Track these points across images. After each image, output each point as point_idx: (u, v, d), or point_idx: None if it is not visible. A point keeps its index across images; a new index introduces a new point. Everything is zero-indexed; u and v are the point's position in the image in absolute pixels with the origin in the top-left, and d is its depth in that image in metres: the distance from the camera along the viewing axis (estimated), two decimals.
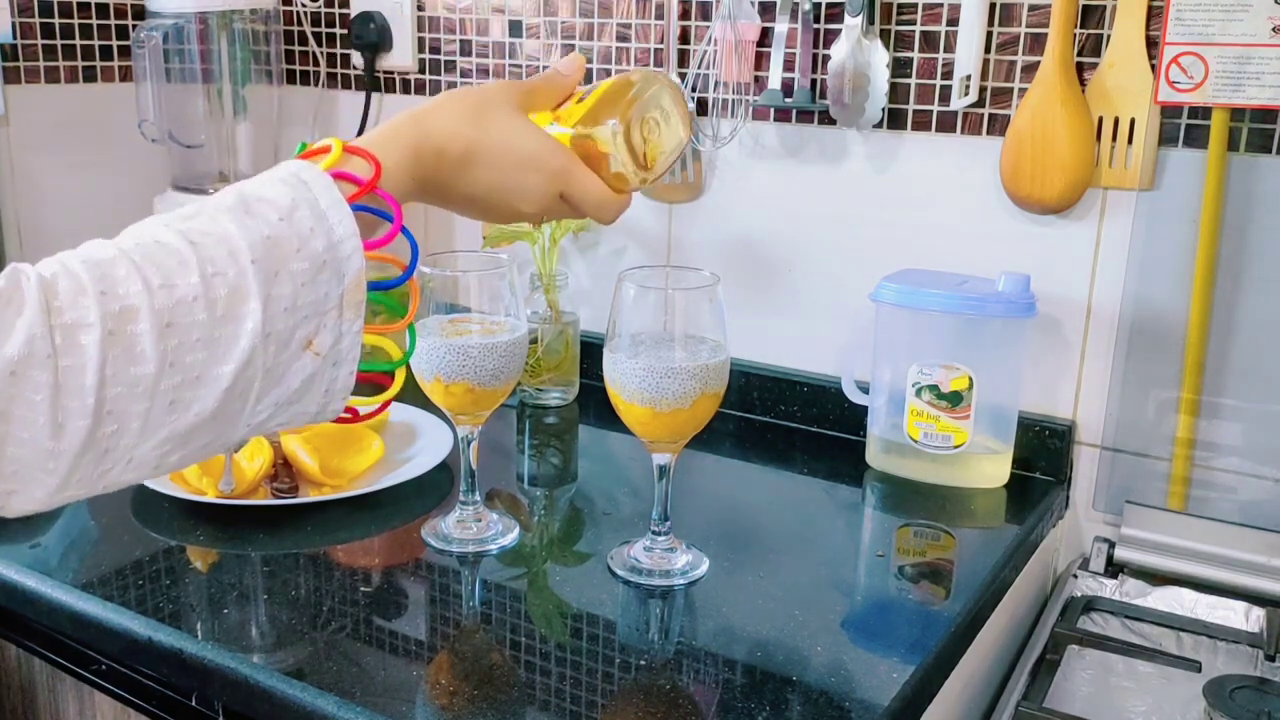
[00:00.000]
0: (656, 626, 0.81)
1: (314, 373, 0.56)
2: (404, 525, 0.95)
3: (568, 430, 1.21)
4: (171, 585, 0.83)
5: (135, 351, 0.50)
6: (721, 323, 0.82)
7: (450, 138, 0.64)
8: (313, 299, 0.55)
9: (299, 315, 0.54)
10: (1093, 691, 0.87)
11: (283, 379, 0.55)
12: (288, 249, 0.54)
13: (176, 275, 0.52)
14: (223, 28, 1.41)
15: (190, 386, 0.51)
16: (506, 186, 0.66)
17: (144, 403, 0.50)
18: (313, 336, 0.55)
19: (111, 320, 0.49)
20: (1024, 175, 1.03)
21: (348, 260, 0.56)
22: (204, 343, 0.51)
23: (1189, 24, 0.94)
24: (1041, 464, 1.09)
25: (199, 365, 0.51)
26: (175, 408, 0.51)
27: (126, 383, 0.50)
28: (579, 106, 0.70)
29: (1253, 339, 0.99)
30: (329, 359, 0.56)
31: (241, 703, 0.74)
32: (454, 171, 0.64)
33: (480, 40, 1.35)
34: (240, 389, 0.53)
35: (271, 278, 0.53)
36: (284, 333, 0.54)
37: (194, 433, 0.53)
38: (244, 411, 0.54)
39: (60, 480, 0.50)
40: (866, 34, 1.08)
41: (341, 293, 0.56)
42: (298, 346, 0.55)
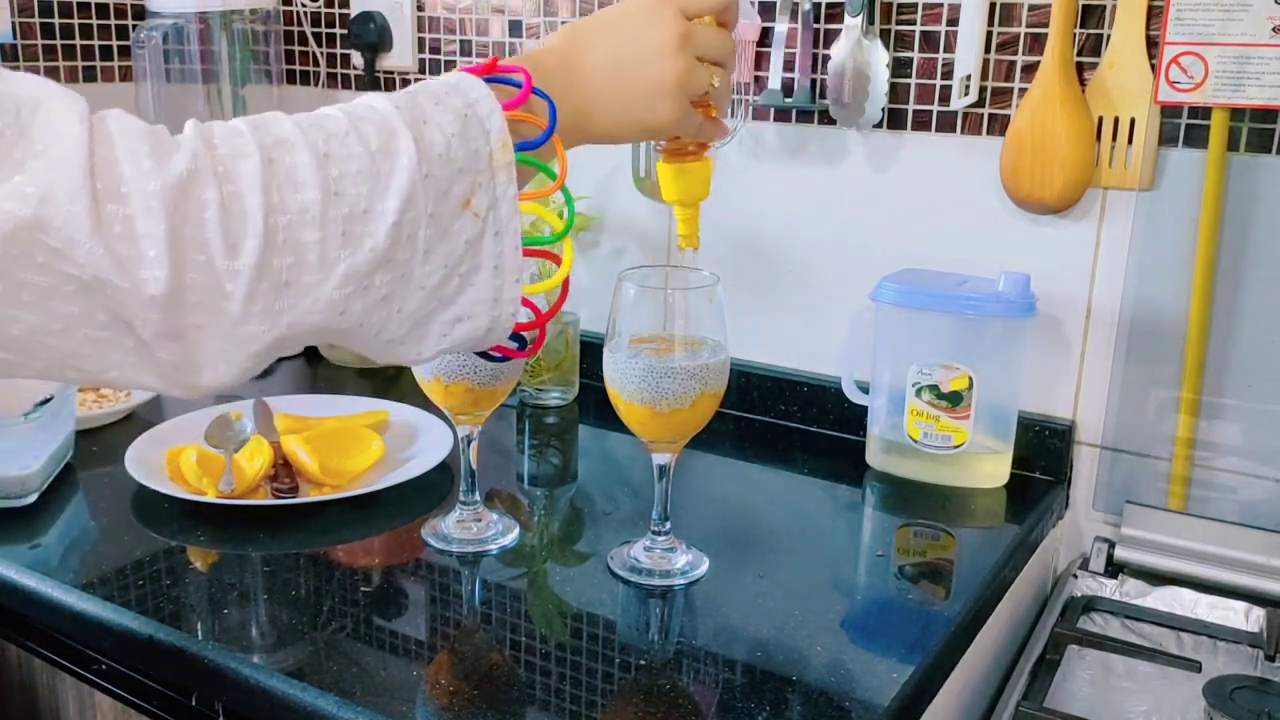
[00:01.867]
0: (656, 626, 0.81)
1: (477, 236, 0.57)
2: (404, 525, 0.95)
3: (568, 430, 1.21)
4: (172, 585, 0.83)
5: (297, 179, 0.51)
6: (721, 323, 0.82)
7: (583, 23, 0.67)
8: (463, 153, 0.56)
9: (453, 167, 0.55)
10: (1093, 691, 0.87)
11: (448, 234, 0.56)
12: (426, 102, 0.56)
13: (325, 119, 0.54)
14: (223, 28, 1.41)
15: (359, 220, 0.53)
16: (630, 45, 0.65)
17: (315, 232, 0.51)
18: (470, 195, 0.56)
19: (268, 150, 0.51)
20: (1024, 175, 1.03)
21: (488, 117, 0.57)
22: (364, 175, 0.53)
23: (1189, 24, 0.94)
24: (1041, 464, 1.09)
25: (363, 198, 0.53)
26: (348, 240, 0.52)
27: (294, 210, 0.51)
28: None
29: (1253, 339, 0.99)
30: (490, 225, 0.57)
31: (241, 703, 0.74)
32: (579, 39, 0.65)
33: (480, 40, 1.35)
34: (407, 230, 0.54)
35: (420, 125, 0.55)
36: (441, 180, 0.55)
37: (373, 273, 0.53)
38: (415, 262, 0.55)
39: (241, 306, 0.50)
40: (866, 34, 1.08)
41: (490, 151, 0.57)
42: (456, 202, 0.56)
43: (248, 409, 1.07)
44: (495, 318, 0.59)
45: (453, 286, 0.57)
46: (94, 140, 0.48)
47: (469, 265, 0.57)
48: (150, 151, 0.49)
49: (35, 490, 0.95)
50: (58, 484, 0.99)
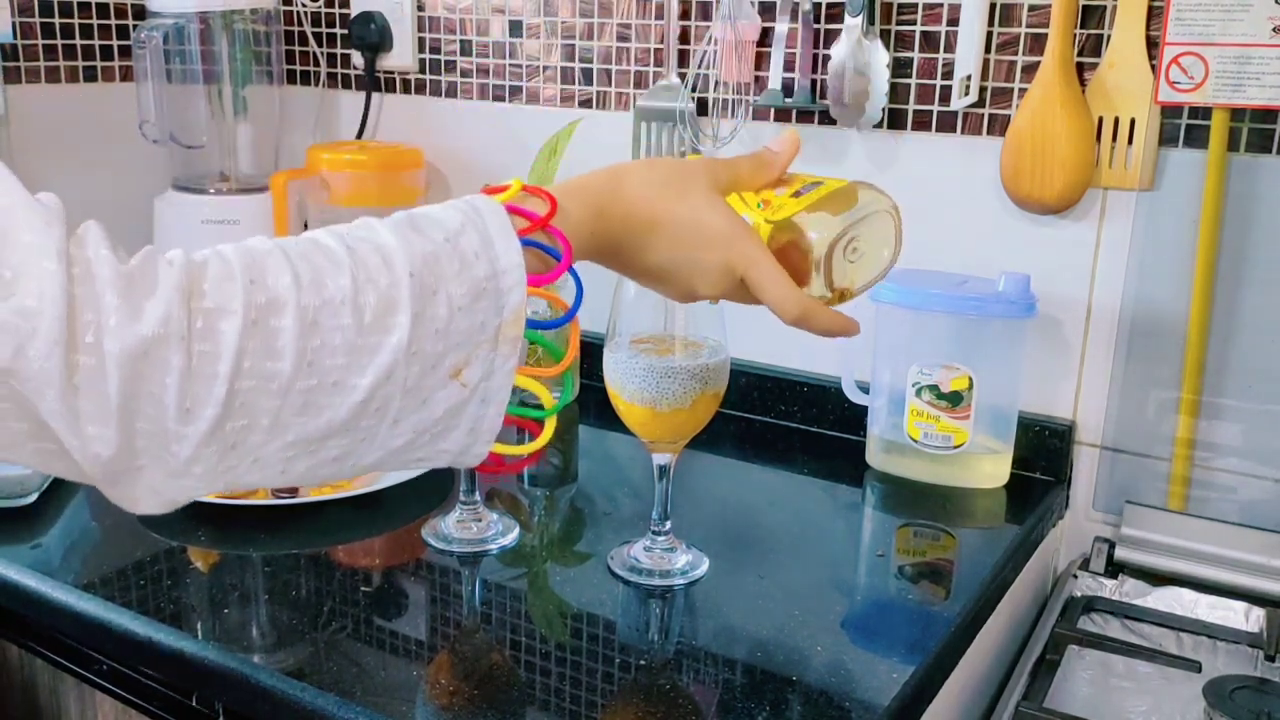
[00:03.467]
0: (656, 626, 0.81)
1: (460, 404, 0.54)
2: (404, 525, 0.95)
3: (568, 430, 1.21)
4: (172, 586, 0.83)
5: (275, 347, 0.49)
6: (721, 323, 0.82)
7: (641, 201, 0.62)
8: (467, 326, 0.53)
9: (451, 341, 0.52)
10: (1093, 691, 0.87)
11: (426, 403, 0.53)
12: (448, 269, 0.52)
13: (328, 275, 0.50)
14: (223, 28, 1.41)
15: (325, 392, 0.50)
16: (688, 262, 0.63)
17: (275, 400, 0.49)
18: (463, 366, 0.53)
19: (256, 311, 0.48)
20: (1024, 175, 1.03)
21: (509, 292, 0.54)
22: (345, 349, 0.50)
23: (1189, 24, 0.94)
24: (1041, 464, 1.09)
25: (336, 371, 0.50)
26: (307, 410, 0.50)
27: (261, 376, 0.49)
28: (794, 201, 0.65)
29: (1253, 339, 0.99)
30: (477, 394, 0.54)
31: (242, 703, 0.74)
32: (636, 237, 0.62)
33: (480, 40, 1.35)
34: (377, 404, 0.51)
35: (429, 296, 0.52)
36: (432, 355, 0.52)
37: (324, 441, 0.51)
38: (380, 429, 0.53)
39: (184, 465, 0.49)
40: (866, 34, 1.08)
41: (499, 325, 0.54)
42: (445, 373, 0.53)
43: None
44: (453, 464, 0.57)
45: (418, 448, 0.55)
46: (72, 281, 0.46)
47: (444, 426, 0.55)
48: (120, 305, 0.46)
49: (35, 490, 0.95)
50: (58, 484, 0.99)
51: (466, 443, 0.55)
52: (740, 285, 0.64)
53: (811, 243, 0.64)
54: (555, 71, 1.30)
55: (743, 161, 0.66)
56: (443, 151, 1.41)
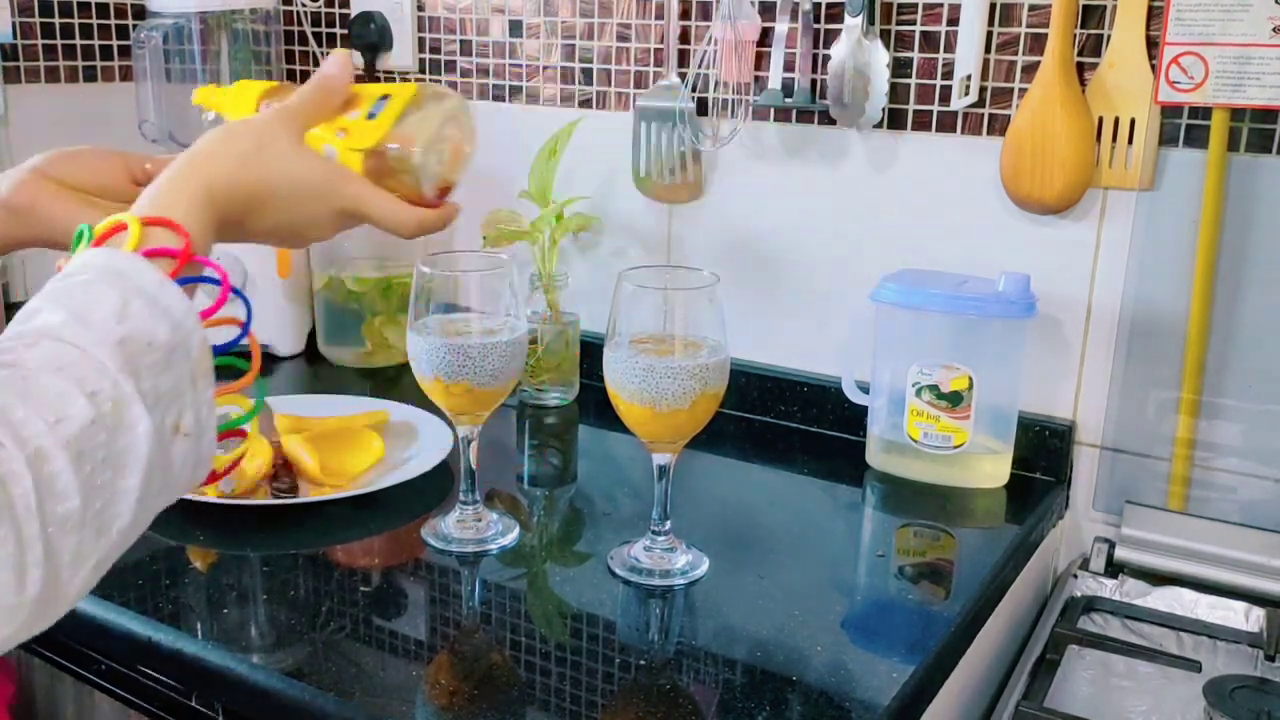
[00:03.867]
0: (656, 626, 0.81)
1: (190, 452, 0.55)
2: (404, 525, 0.95)
3: (568, 430, 1.21)
4: (171, 585, 0.83)
5: (58, 489, 0.49)
6: (721, 323, 0.82)
7: (233, 182, 0.63)
8: (171, 385, 0.54)
9: (164, 404, 0.53)
10: (1093, 691, 0.87)
11: (169, 467, 0.54)
12: (139, 346, 0.53)
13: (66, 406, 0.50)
14: (223, 28, 1.41)
15: (109, 506, 0.51)
16: (297, 220, 0.67)
17: (74, 537, 0.49)
18: (179, 420, 0.54)
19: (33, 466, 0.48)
20: (1024, 175, 1.03)
21: (191, 335, 0.55)
22: (109, 460, 0.51)
23: (1189, 24, 0.94)
24: (1041, 464, 1.09)
25: (109, 484, 0.51)
26: (101, 533, 0.51)
27: (57, 522, 0.49)
28: (369, 125, 0.69)
29: (1253, 339, 0.99)
30: (194, 434, 0.55)
31: (241, 703, 0.74)
32: (245, 212, 0.64)
33: (480, 40, 1.35)
34: (149, 496, 0.53)
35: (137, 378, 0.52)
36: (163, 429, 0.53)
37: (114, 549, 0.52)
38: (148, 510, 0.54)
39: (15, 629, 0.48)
40: (866, 34, 1.07)
41: (191, 369, 0.55)
42: (170, 434, 0.54)
43: None
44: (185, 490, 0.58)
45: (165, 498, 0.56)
46: None
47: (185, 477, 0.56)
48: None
49: None
50: None
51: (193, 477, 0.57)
52: (353, 219, 0.69)
53: (404, 159, 0.69)
54: (555, 71, 1.30)
55: (308, 97, 0.69)
56: None
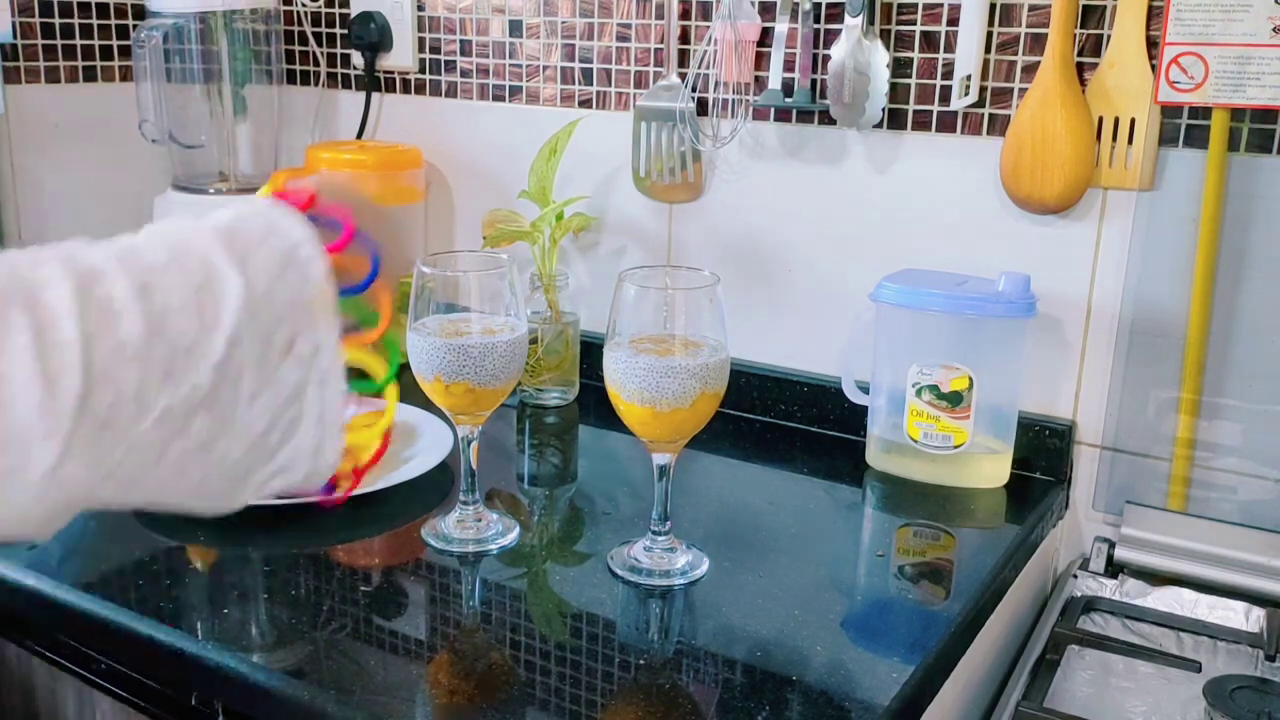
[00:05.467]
0: (656, 626, 0.81)
1: (301, 383, 0.53)
2: (404, 525, 0.95)
3: (568, 430, 1.21)
4: (172, 585, 0.83)
5: (114, 310, 0.47)
6: (721, 323, 0.82)
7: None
8: (285, 296, 0.52)
9: (276, 311, 0.52)
10: (1093, 691, 0.87)
11: (273, 379, 0.52)
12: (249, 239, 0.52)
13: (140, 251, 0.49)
14: (223, 28, 1.41)
15: (182, 357, 0.48)
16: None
17: (136, 369, 0.47)
18: (293, 340, 0.53)
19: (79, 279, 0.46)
20: (1024, 175, 1.03)
21: (310, 262, 0.54)
22: (187, 309, 0.49)
23: (1189, 24, 0.94)
24: (1041, 464, 1.09)
25: (188, 335, 0.49)
26: (170, 379, 0.48)
27: (112, 344, 0.46)
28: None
29: (1253, 339, 0.99)
30: (314, 373, 0.54)
31: (241, 702, 0.74)
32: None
33: (480, 40, 1.35)
34: (232, 371, 0.50)
35: (241, 261, 0.51)
36: (265, 322, 0.51)
37: (193, 414, 0.49)
38: (238, 406, 0.51)
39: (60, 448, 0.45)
40: (866, 34, 1.08)
41: (311, 296, 0.53)
42: (281, 347, 0.52)
43: None
44: (314, 468, 0.56)
45: (276, 436, 0.53)
46: None
47: (293, 414, 0.54)
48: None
49: None
50: None
51: (319, 436, 0.55)
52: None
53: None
54: (555, 71, 1.30)
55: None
56: (442, 151, 1.40)
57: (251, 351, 0.51)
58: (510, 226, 1.22)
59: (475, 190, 1.39)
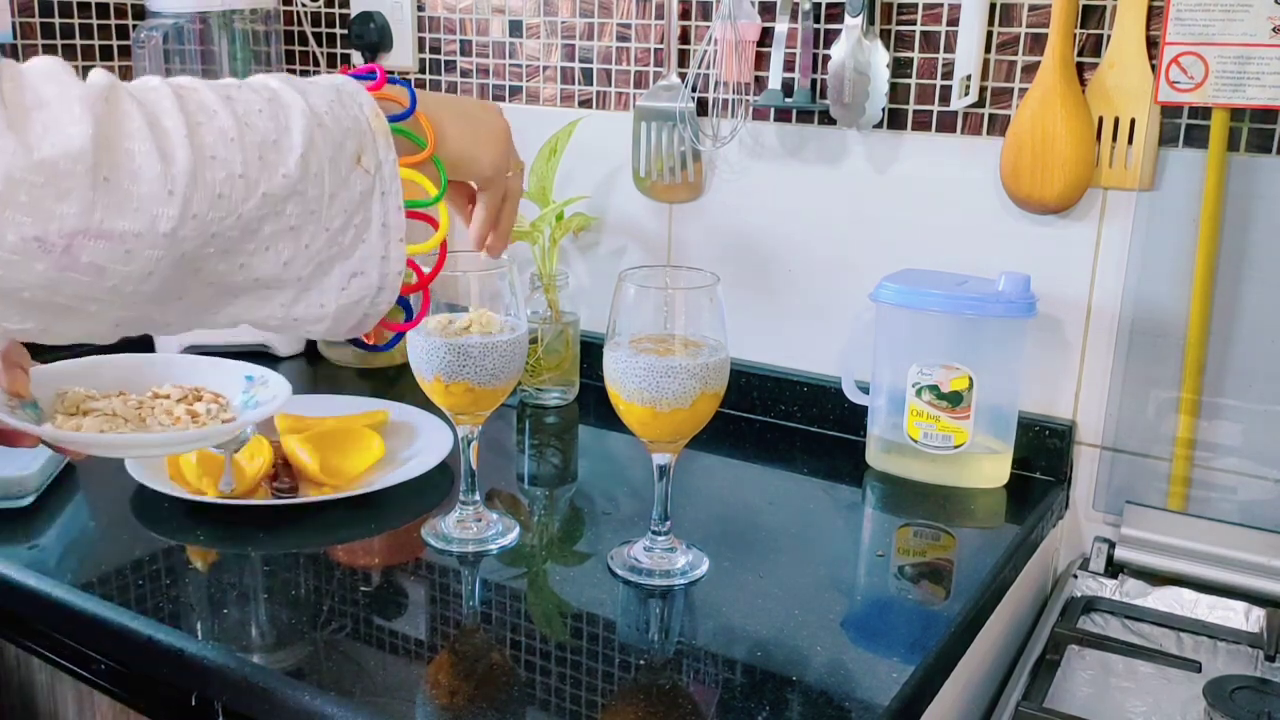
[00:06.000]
0: (656, 626, 0.81)
1: (369, 191, 0.60)
2: (404, 525, 0.95)
3: (568, 430, 1.21)
4: (171, 585, 0.83)
5: (209, 109, 0.55)
6: (721, 322, 0.82)
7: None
8: (345, 116, 0.60)
9: (340, 126, 0.59)
10: (1093, 691, 0.87)
11: (345, 183, 0.59)
12: (301, 83, 0.60)
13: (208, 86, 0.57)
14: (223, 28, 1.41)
15: (271, 148, 0.56)
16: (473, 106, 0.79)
17: (237, 151, 0.54)
18: (360, 152, 0.60)
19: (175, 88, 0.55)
20: (1024, 175, 1.03)
21: (357, 94, 0.62)
22: (266, 114, 0.56)
23: (1189, 24, 0.94)
24: (1041, 464, 1.09)
25: (270, 130, 0.56)
26: (265, 165, 0.55)
27: (214, 133, 0.54)
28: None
29: (1253, 339, 0.99)
30: (377, 183, 0.60)
31: (241, 702, 0.74)
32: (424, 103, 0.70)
33: (480, 40, 1.35)
34: (314, 167, 0.57)
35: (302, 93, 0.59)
36: (334, 133, 0.59)
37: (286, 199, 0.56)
38: (322, 201, 0.58)
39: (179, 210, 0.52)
40: (866, 34, 1.08)
41: (367, 119, 0.61)
42: (350, 156, 0.59)
43: None
44: (384, 275, 0.62)
45: (349, 236, 0.60)
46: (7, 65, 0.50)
47: (362, 218, 0.60)
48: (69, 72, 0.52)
49: (33, 491, 0.95)
50: (57, 484, 0.99)
51: (385, 241, 0.61)
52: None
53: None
54: (555, 71, 1.30)
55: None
56: None
57: (325, 154, 0.58)
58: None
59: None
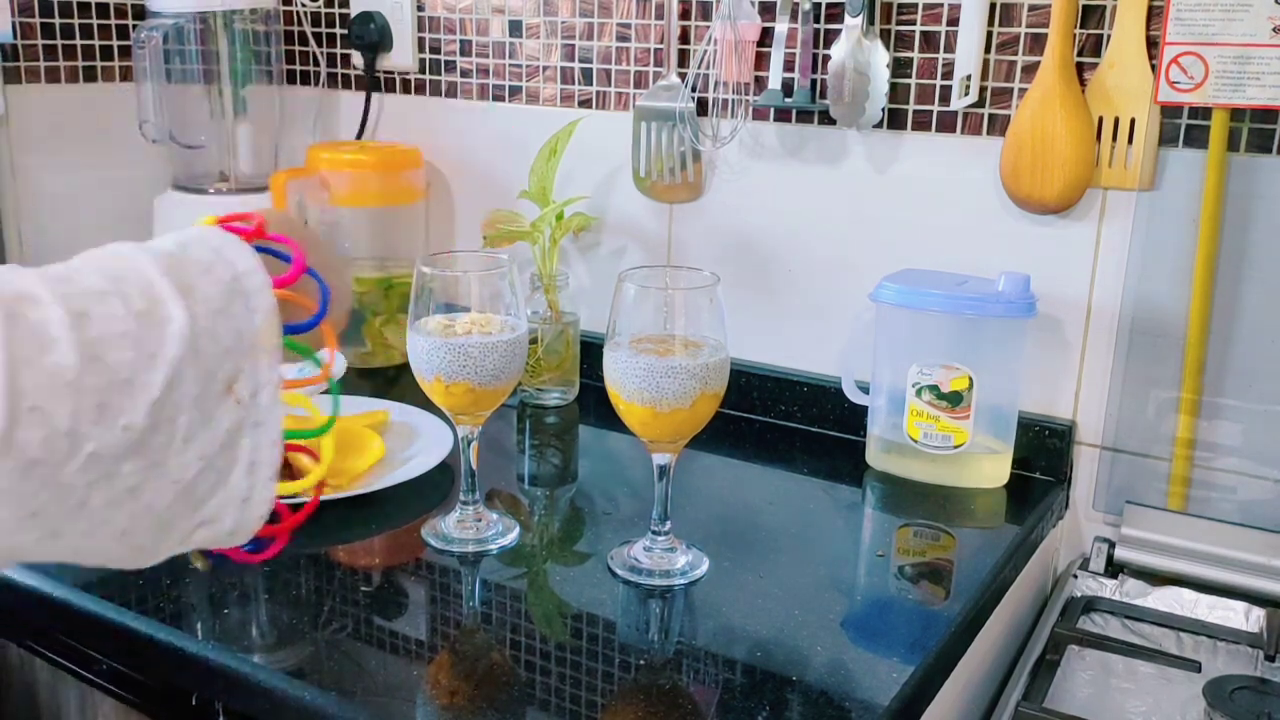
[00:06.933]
0: (656, 626, 0.81)
1: (237, 425, 0.50)
2: (404, 525, 0.95)
3: (568, 430, 1.21)
4: (172, 585, 0.83)
5: (46, 338, 0.43)
6: (721, 323, 0.82)
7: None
8: (229, 330, 0.50)
9: (219, 345, 0.49)
10: (1093, 692, 0.87)
11: (210, 420, 0.49)
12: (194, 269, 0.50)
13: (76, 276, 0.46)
14: (223, 28, 1.41)
15: (119, 391, 0.45)
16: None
17: (68, 402, 0.43)
18: (234, 379, 0.50)
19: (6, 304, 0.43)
20: (1024, 175, 1.03)
21: (257, 294, 0.51)
22: (128, 340, 0.46)
23: (1189, 24, 0.94)
24: (1041, 464, 1.09)
25: (126, 366, 0.45)
26: (104, 415, 0.45)
27: (46, 372, 0.43)
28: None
29: (1253, 339, 0.99)
30: (250, 414, 0.50)
31: (242, 702, 0.74)
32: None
33: (480, 40, 1.35)
34: (169, 411, 0.47)
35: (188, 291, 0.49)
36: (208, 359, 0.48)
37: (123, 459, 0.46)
38: (172, 450, 0.48)
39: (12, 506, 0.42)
40: (866, 34, 1.08)
41: (255, 331, 0.51)
42: (221, 386, 0.49)
43: None
44: (241, 521, 0.52)
45: (207, 484, 0.50)
46: None
47: (226, 460, 0.50)
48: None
49: None
50: None
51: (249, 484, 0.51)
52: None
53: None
54: (555, 71, 1.30)
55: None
56: (442, 151, 1.41)
57: (191, 390, 0.48)
58: (510, 227, 1.22)
59: (475, 190, 1.39)
